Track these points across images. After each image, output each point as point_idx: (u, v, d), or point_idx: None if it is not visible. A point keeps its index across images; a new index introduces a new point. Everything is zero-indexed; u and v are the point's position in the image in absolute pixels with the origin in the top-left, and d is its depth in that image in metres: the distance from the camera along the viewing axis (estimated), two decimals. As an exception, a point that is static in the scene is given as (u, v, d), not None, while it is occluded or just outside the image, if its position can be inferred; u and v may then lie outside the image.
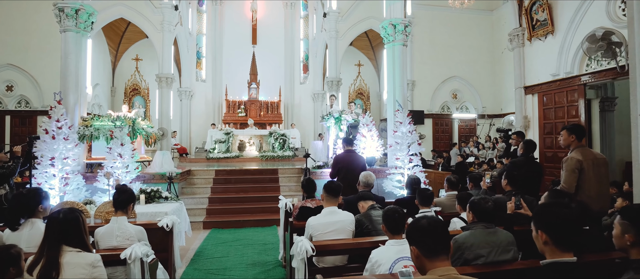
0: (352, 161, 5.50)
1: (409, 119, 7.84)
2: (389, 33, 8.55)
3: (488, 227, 2.57)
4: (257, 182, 8.52)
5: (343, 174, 5.30)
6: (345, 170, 5.37)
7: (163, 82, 14.66)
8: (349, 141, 5.89)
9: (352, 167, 5.34)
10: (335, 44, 15.70)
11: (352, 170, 5.25)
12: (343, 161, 5.50)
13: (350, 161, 5.50)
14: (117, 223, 2.81)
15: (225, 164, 11.23)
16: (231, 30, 20.03)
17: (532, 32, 8.90)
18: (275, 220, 6.94)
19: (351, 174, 5.17)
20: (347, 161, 5.49)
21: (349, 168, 5.35)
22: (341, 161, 5.51)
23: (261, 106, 18.72)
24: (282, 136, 12.76)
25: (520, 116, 9.27)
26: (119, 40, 17.43)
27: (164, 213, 4.61)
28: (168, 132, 14.45)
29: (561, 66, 8.16)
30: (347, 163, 5.45)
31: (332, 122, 8.10)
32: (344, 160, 5.51)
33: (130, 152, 6.69)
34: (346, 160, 5.50)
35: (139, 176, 7.34)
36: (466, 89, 15.73)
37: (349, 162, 5.46)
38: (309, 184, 4.03)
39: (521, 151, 4.77)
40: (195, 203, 7.57)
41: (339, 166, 5.45)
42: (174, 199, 5.18)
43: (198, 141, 18.13)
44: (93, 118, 7.35)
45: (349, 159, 5.53)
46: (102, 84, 16.67)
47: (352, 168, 5.32)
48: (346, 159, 5.53)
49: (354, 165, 5.42)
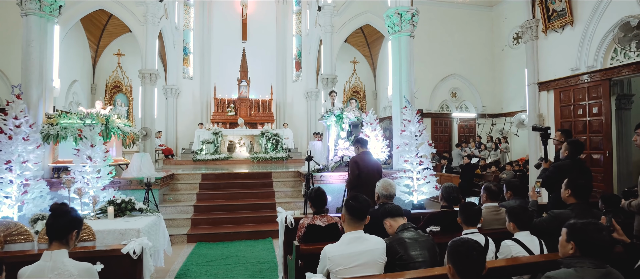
0: (372, 165, 4.74)
1: (418, 117, 7.09)
2: (394, 23, 7.79)
3: (599, 266, 1.77)
4: (248, 187, 7.65)
5: (363, 182, 4.54)
6: (365, 176, 4.59)
7: (147, 78, 13.66)
8: (363, 142, 5.07)
9: (372, 173, 4.59)
10: (331, 39, 14.90)
11: (372, 176, 4.50)
12: (363, 165, 4.66)
13: (371, 165, 4.74)
14: (52, 260, 1.93)
15: (214, 167, 10.32)
16: (220, 25, 19.11)
17: (547, 23, 8.21)
18: (270, 232, 6.09)
19: (371, 180, 4.38)
20: (368, 165, 4.70)
21: (369, 173, 4.59)
22: (362, 166, 4.65)
23: (252, 104, 17.85)
24: (274, 136, 11.91)
25: (533, 114, 8.58)
26: (100, 34, 16.34)
27: (135, 231, 3.74)
28: (152, 133, 13.46)
29: (582, 59, 7.48)
30: (367, 168, 4.67)
31: (332, 121, 7.29)
32: (364, 164, 4.68)
33: (101, 154, 5.78)
34: (366, 164, 4.70)
35: (114, 182, 6.43)
36: (465, 88, 15.10)
37: (369, 167, 4.69)
38: (319, 197, 3.19)
39: (565, 153, 4.03)
40: (178, 212, 6.65)
41: (360, 170, 4.60)
42: (150, 211, 4.30)
43: (185, 142, 17.15)
44: (60, 116, 6.39)
45: (369, 163, 4.75)
46: (82, 81, 15.57)
47: (371, 173, 4.57)
48: (366, 162, 4.72)
49: (373, 170, 4.67)
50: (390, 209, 2.74)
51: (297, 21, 19.62)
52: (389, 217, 2.71)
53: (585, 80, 7.47)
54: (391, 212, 2.72)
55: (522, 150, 13.59)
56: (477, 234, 2.73)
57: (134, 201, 4.30)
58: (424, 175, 6.88)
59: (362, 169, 4.63)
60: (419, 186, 6.92)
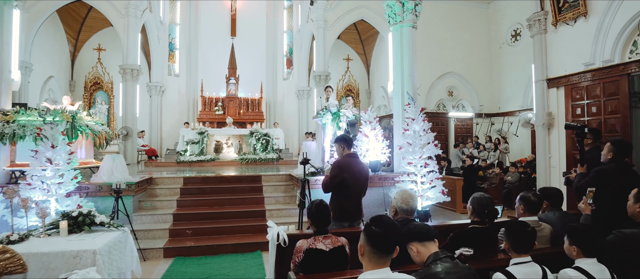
0: (360, 172, 3.85)
1: (422, 115, 6.45)
2: (395, 12, 7.15)
3: None
4: (235, 192, 6.91)
5: (347, 190, 3.70)
6: (350, 183, 3.71)
7: (128, 74, 12.84)
8: (348, 141, 3.99)
9: (358, 182, 3.80)
10: (324, 34, 14.25)
11: (358, 186, 3.77)
12: (348, 169, 3.73)
13: (358, 172, 3.82)
14: None
15: (198, 169, 9.56)
16: (208, 20, 18.34)
17: (558, 15, 7.67)
18: (259, 244, 5.39)
19: (357, 188, 3.69)
20: (354, 173, 3.77)
21: (355, 183, 3.76)
22: (346, 170, 3.72)
23: (241, 103, 17.11)
24: (264, 135, 11.18)
25: (542, 112, 8.03)
26: (79, 27, 15.42)
27: (90, 253, 3.02)
28: (133, 132, 12.64)
29: (597, 54, 6.95)
30: (354, 176, 3.76)
31: (328, 119, 6.61)
32: (348, 168, 3.75)
33: (65, 156, 5.00)
34: (351, 169, 3.77)
35: (81, 188, 5.65)
36: (462, 86, 14.59)
37: (355, 175, 3.78)
38: (321, 214, 2.50)
39: (609, 155, 3.42)
40: (155, 222, 5.88)
41: (343, 176, 3.68)
42: (115, 226, 3.56)
43: (170, 142, 16.31)
44: (18, 112, 5.59)
45: (356, 169, 3.82)
46: (59, 77, 14.63)
47: (358, 182, 3.79)
48: (351, 167, 3.78)
49: (360, 178, 3.84)
50: (419, 231, 2.06)
51: (288, 17, 18.93)
52: (417, 241, 2.04)
53: (600, 75, 6.92)
54: (420, 234, 2.04)
55: (521, 151, 13.13)
56: (531, 265, 2.08)
57: (94, 213, 3.55)
58: (429, 179, 6.25)
59: (347, 179, 3.67)
60: (424, 190, 6.29)
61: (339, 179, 3.71)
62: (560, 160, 7.79)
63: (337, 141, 3.97)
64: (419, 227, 2.11)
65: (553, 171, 7.93)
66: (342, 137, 4.01)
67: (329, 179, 3.74)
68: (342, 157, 3.89)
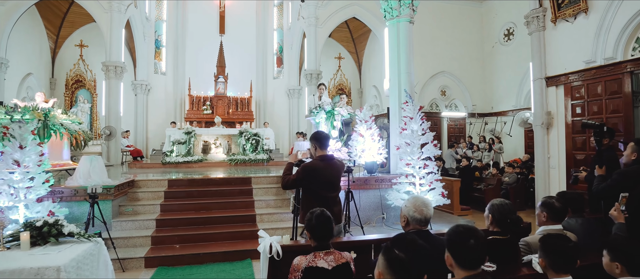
0: (332, 177, 3.35)
1: (420, 114, 6.16)
2: (391, 7, 6.85)
3: None
4: (224, 195, 6.50)
5: (315, 197, 3.21)
6: (320, 191, 3.25)
7: (111, 71, 12.30)
8: (322, 139, 3.37)
9: (330, 187, 3.34)
10: (315, 32, 13.91)
11: (328, 193, 3.31)
12: (315, 176, 3.24)
13: (330, 177, 3.32)
14: None
15: (185, 171, 9.12)
16: (196, 17, 17.83)
17: (557, 12, 7.47)
18: (249, 252, 5.01)
19: (326, 198, 3.20)
20: (321, 179, 3.26)
21: (325, 190, 3.29)
22: (313, 177, 3.23)
23: (230, 102, 16.66)
24: (254, 135, 10.77)
25: (540, 111, 7.81)
26: (60, 23, 14.78)
27: (54, 269, 2.62)
28: (117, 132, 12.11)
29: (598, 51, 6.75)
30: (320, 183, 3.26)
31: (322, 118, 6.27)
32: (322, 175, 3.25)
33: (35, 158, 4.57)
34: (319, 176, 3.25)
35: (55, 192, 5.20)
36: (455, 86, 14.43)
37: (327, 179, 3.29)
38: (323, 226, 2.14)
39: (633, 156, 3.15)
40: (136, 228, 5.44)
41: (311, 185, 3.25)
42: (86, 237, 3.16)
43: (156, 143, 15.77)
44: (-17, 109, 5.11)
45: (328, 174, 3.30)
46: (38, 74, 13.99)
47: (329, 188, 3.33)
48: (319, 174, 3.25)
49: (332, 183, 3.36)
50: (462, 252, 1.66)
51: (278, 14, 18.53)
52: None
53: (602, 73, 6.72)
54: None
55: (514, 151, 12.99)
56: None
57: (62, 222, 3.15)
58: (428, 180, 5.96)
59: (314, 186, 3.19)
60: (422, 193, 6.00)
61: (302, 184, 3.31)
62: (559, 160, 7.59)
63: (311, 138, 3.42)
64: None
65: (552, 171, 7.73)
66: (315, 135, 3.41)
67: (291, 181, 3.30)
68: (314, 159, 3.34)
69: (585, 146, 7.10)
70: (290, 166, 3.38)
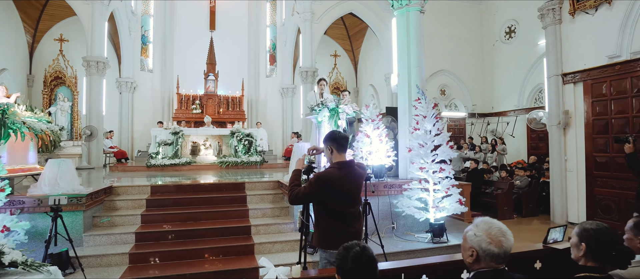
0: (353, 186, 2.66)
1: (434, 112, 5.54)
2: (400, -5, 6.21)
3: None
4: (214, 203, 5.79)
5: (331, 211, 2.55)
6: (339, 204, 2.56)
7: (93, 67, 11.46)
8: (339, 140, 2.68)
9: (351, 199, 2.65)
10: (311, 27, 13.24)
11: (351, 204, 2.63)
12: (339, 186, 2.56)
13: (351, 185, 2.64)
14: None
15: (171, 175, 8.36)
16: (185, 12, 17.06)
17: (576, 3, 6.93)
18: (243, 271, 4.31)
19: (348, 212, 2.56)
20: (346, 188, 2.60)
21: (346, 203, 2.61)
22: (332, 189, 2.54)
23: (220, 101, 15.90)
24: (247, 136, 10.07)
25: (556, 110, 7.26)
26: (38, 16, 13.85)
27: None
28: (98, 132, 11.28)
29: (624, 45, 6.22)
30: (346, 191, 2.60)
31: (325, 116, 5.59)
32: (340, 185, 2.57)
33: (-12, 162, 3.81)
34: (344, 185, 2.59)
35: (14, 203, 4.43)
36: (455, 85, 13.94)
37: (346, 190, 2.61)
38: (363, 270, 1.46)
39: None
40: (112, 244, 4.69)
41: (330, 197, 2.55)
42: (34, 267, 2.45)
43: (142, 143, 14.93)
44: None
45: (348, 183, 2.62)
46: (13, 70, 13.03)
47: (351, 200, 2.65)
48: (344, 182, 2.60)
49: (354, 193, 2.67)
50: None
51: (271, 10, 17.83)
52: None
53: (628, 69, 6.18)
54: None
55: (517, 152, 12.51)
56: None
57: (3, 249, 2.42)
58: (444, 186, 5.34)
59: (332, 202, 2.52)
60: (437, 200, 5.38)
61: (316, 199, 2.60)
62: (578, 163, 7.04)
63: (325, 140, 2.73)
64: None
65: (570, 174, 7.18)
66: (331, 135, 2.72)
67: (302, 194, 2.57)
68: (331, 166, 2.67)
69: (608, 148, 6.55)
70: (298, 174, 2.69)
